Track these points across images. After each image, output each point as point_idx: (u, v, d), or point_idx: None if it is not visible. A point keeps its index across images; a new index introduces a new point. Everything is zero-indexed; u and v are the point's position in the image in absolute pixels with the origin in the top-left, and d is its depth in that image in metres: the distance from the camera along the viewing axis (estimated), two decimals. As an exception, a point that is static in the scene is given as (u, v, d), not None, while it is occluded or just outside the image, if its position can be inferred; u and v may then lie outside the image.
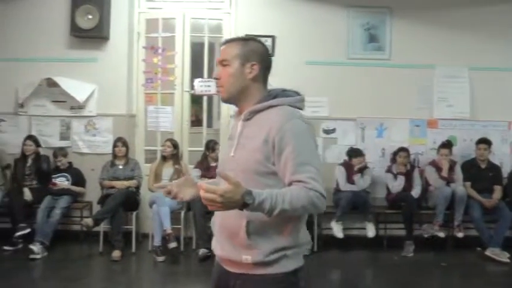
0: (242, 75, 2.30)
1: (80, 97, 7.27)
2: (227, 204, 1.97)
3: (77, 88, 7.28)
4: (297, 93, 2.38)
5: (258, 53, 2.34)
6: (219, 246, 2.34)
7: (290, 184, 2.13)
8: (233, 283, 2.28)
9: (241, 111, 2.34)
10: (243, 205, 2.00)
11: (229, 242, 2.26)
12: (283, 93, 2.34)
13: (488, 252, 6.67)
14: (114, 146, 7.06)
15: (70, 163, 7.20)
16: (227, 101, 2.37)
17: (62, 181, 7.05)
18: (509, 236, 6.97)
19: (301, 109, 2.33)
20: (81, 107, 7.35)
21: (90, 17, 7.08)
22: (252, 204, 2.00)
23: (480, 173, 7.11)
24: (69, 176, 7.11)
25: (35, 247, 6.32)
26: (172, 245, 6.38)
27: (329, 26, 7.46)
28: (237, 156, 2.25)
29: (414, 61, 7.42)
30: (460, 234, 6.84)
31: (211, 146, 7.15)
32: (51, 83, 7.28)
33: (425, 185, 7.20)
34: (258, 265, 2.20)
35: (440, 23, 7.47)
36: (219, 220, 2.31)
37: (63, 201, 6.80)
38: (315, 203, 2.11)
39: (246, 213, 2.08)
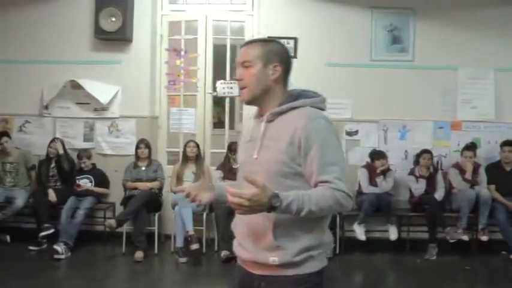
0: (265, 76, 2.28)
1: (104, 99, 7.33)
2: (255, 207, 1.99)
3: (100, 90, 7.34)
4: (317, 94, 2.38)
5: (279, 54, 2.33)
6: (242, 249, 2.33)
7: (316, 185, 2.14)
8: (257, 285, 2.28)
9: (263, 112, 2.32)
10: (271, 208, 2.01)
11: (254, 244, 2.25)
12: (303, 93, 2.34)
13: (513, 256, 6.59)
14: (137, 147, 7.10)
15: (93, 164, 7.26)
16: (250, 102, 2.34)
17: (85, 182, 7.11)
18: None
19: (323, 110, 2.33)
20: (104, 108, 7.41)
21: (113, 19, 7.13)
22: (280, 207, 2.02)
23: (505, 175, 7.02)
24: (92, 178, 7.16)
25: (59, 247, 6.38)
26: (195, 246, 6.40)
27: (351, 27, 7.42)
28: (260, 158, 2.24)
29: (438, 62, 7.36)
30: (485, 238, 6.77)
31: (233, 147, 7.15)
32: (75, 85, 7.36)
33: (449, 188, 7.14)
34: (285, 266, 2.19)
35: (464, 23, 7.39)
36: (243, 223, 2.30)
37: (87, 202, 6.87)
38: (341, 203, 2.13)
39: (272, 215, 2.10)
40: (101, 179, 7.24)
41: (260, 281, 2.26)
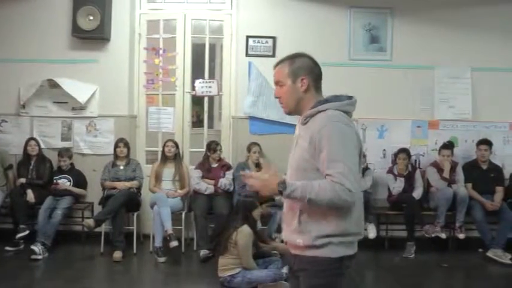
0: (295, 90, 2.68)
1: (82, 98, 7.28)
2: (264, 188, 2.50)
3: (78, 89, 7.29)
4: (342, 98, 2.71)
5: (304, 68, 2.72)
6: (284, 232, 2.76)
7: (325, 178, 2.45)
8: (293, 262, 2.70)
9: (301, 116, 2.72)
10: (279, 192, 2.45)
11: (288, 228, 2.67)
12: (331, 98, 2.68)
13: (490, 254, 6.67)
14: (116, 146, 7.07)
15: (72, 164, 7.21)
16: (289, 113, 2.79)
17: (63, 182, 7.06)
18: (511, 238, 6.97)
19: (349, 111, 2.69)
20: (82, 108, 7.36)
21: (91, 18, 7.08)
22: (284, 192, 2.44)
23: (481, 174, 7.11)
24: (70, 178, 7.11)
25: (36, 248, 6.33)
26: (173, 244, 6.37)
27: (330, 27, 7.46)
28: (294, 155, 2.68)
29: (415, 62, 7.42)
30: (462, 236, 6.84)
31: (212, 147, 7.15)
32: (53, 84, 7.29)
33: (427, 186, 7.20)
34: (308, 247, 2.55)
35: (442, 23, 7.47)
36: (284, 211, 2.74)
37: (65, 202, 6.81)
38: (340, 195, 2.40)
39: (299, 205, 2.53)
40: (79, 180, 7.19)
41: (294, 258, 2.67)
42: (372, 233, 6.93)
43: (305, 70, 2.71)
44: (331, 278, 2.59)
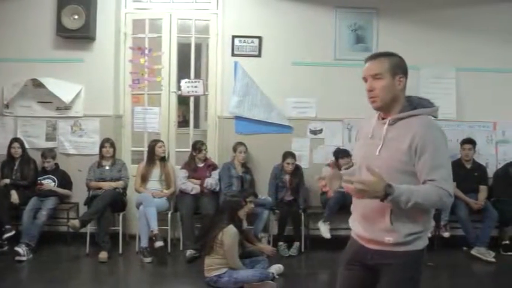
0: (393, 86, 2.70)
1: (66, 98, 7.23)
2: (371, 193, 2.45)
3: (63, 89, 7.24)
4: (431, 103, 2.80)
5: (402, 67, 2.76)
6: (360, 228, 2.79)
7: (424, 182, 2.54)
8: (370, 256, 2.75)
9: (386, 115, 2.75)
10: (385, 196, 2.44)
11: (373, 226, 2.70)
12: (421, 103, 2.76)
13: (474, 252, 6.72)
14: (102, 146, 7.03)
15: (57, 165, 7.17)
16: (380, 108, 2.76)
17: (48, 183, 7.01)
18: (495, 236, 7.04)
19: (436, 117, 2.77)
20: (67, 107, 7.32)
21: (76, 17, 7.04)
22: (392, 195, 2.44)
23: (465, 173, 7.16)
24: (55, 178, 7.07)
25: (21, 249, 6.28)
26: (159, 243, 6.36)
27: (316, 27, 7.48)
28: (382, 155, 2.66)
29: (401, 62, 7.43)
30: (446, 234, 6.89)
31: (197, 146, 7.15)
32: (37, 84, 7.24)
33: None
34: (397, 244, 2.65)
35: (427, 24, 7.52)
36: (362, 206, 2.75)
37: (50, 203, 6.77)
38: (443, 200, 2.53)
39: (389, 205, 2.54)
40: (64, 180, 7.14)
41: (373, 254, 2.73)
42: (357, 232, 6.95)
43: (402, 70, 2.76)
44: (418, 269, 2.73)
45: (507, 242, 7.11)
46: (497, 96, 7.50)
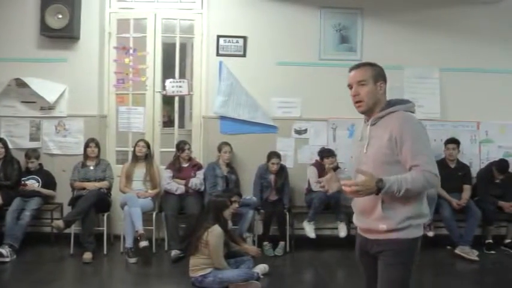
0: (375, 91, 3.05)
1: (50, 98, 7.19)
2: (366, 191, 2.73)
3: (47, 88, 7.20)
4: (407, 101, 3.12)
5: (382, 75, 3.10)
6: (361, 221, 3.12)
7: (410, 169, 2.83)
8: (370, 246, 3.06)
9: (369, 117, 3.07)
10: (378, 190, 2.73)
11: (368, 216, 3.00)
12: (398, 101, 3.07)
13: (458, 251, 6.78)
14: (87, 146, 7.00)
15: (40, 165, 7.12)
16: (365, 112, 3.09)
17: (32, 183, 6.97)
18: (478, 235, 7.10)
19: (413, 112, 3.08)
20: (51, 107, 7.28)
21: (60, 16, 7.00)
22: (384, 188, 2.73)
23: (449, 172, 7.20)
24: (39, 179, 7.02)
25: (4, 250, 6.23)
26: (144, 243, 6.34)
27: (301, 27, 7.50)
28: (368, 153, 2.99)
29: (385, 62, 7.31)
30: (431, 233, 6.93)
31: (181, 146, 7.15)
32: (21, 84, 7.19)
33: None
34: (391, 231, 2.92)
35: (411, 24, 7.57)
36: (360, 202, 3.05)
37: (33, 203, 6.73)
38: (430, 181, 2.81)
39: (380, 195, 2.81)
40: (48, 181, 7.11)
41: (373, 243, 3.04)
42: (342, 231, 7.00)
43: (383, 77, 3.10)
44: (410, 256, 2.99)
45: (490, 240, 7.19)
46: (481, 96, 7.58)
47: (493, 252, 7.09)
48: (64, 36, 7.11)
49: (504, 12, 7.63)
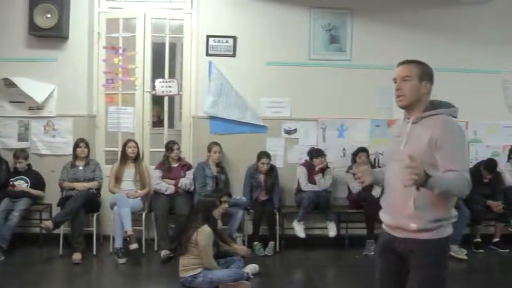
0: (419, 90, 3.07)
1: (39, 98, 7.15)
2: (420, 175, 2.64)
3: (35, 88, 7.15)
4: (451, 105, 3.14)
5: (429, 74, 3.14)
6: (389, 218, 3.10)
7: (446, 171, 2.82)
8: (397, 245, 3.04)
9: (410, 115, 3.09)
10: (425, 180, 2.66)
11: (399, 214, 2.99)
12: (441, 104, 3.10)
13: (447, 250, 6.80)
14: (76, 146, 6.96)
15: (29, 165, 7.08)
16: (404, 107, 3.10)
17: (20, 183, 6.93)
18: (467, 234, 7.14)
19: (455, 117, 3.08)
20: (40, 107, 7.24)
21: (49, 15, 6.97)
22: (431, 178, 2.67)
23: (438, 172, 7.22)
24: (27, 179, 6.98)
25: (-8, 251, 6.21)
26: (134, 246, 6.33)
27: (291, 27, 7.50)
28: (405, 150, 2.93)
29: (374, 62, 7.51)
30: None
31: (170, 146, 7.14)
32: (9, 83, 7.14)
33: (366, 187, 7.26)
34: (420, 231, 2.92)
35: (401, 24, 7.59)
36: (391, 199, 3.10)
37: (22, 204, 6.69)
38: (465, 188, 2.81)
39: (412, 193, 2.83)
40: (37, 181, 7.06)
41: (400, 242, 3.02)
42: (332, 231, 7.02)
43: (429, 76, 3.13)
44: (442, 256, 3.00)
45: (479, 239, 7.24)
46: (470, 96, 7.58)
47: (481, 251, 7.15)
48: (53, 35, 7.08)
49: (492, 13, 7.66)
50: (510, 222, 7.29)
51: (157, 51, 7.72)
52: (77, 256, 6.32)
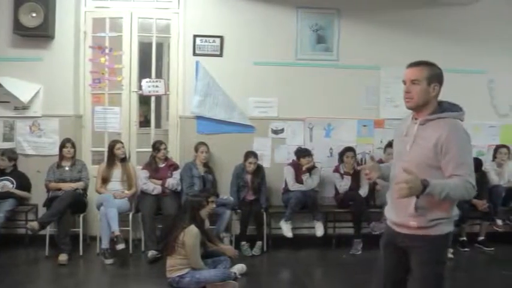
0: (427, 92, 3.12)
1: (24, 97, 7.10)
2: (412, 189, 2.79)
3: (21, 88, 7.10)
4: (460, 108, 3.21)
5: (438, 77, 3.18)
6: (394, 214, 3.24)
7: (450, 176, 2.93)
8: (401, 240, 3.19)
9: (418, 116, 3.17)
10: (422, 190, 2.79)
11: (401, 212, 3.13)
12: (450, 107, 3.18)
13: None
14: (63, 146, 6.92)
15: (15, 166, 7.03)
16: (412, 108, 3.18)
17: (5, 184, 6.88)
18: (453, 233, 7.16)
19: (462, 121, 3.16)
20: (25, 107, 7.18)
21: (34, 15, 6.91)
22: (428, 187, 2.79)
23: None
24: (13, 180, 6.93)
25: (-22, 252, 6.16)
26: (121, 246, 6.30)
27: (278, 27, 7.51)
28: (412, 151, 3.09)
29: (361, 62, 7.55)
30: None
31: (157, 146, 7.12)
32: (-6, 83, 7.09)
33: (373, 184, 7.31)
34: (420, 228, 3.06)
35: (387, 24, 7.63)
36: (394, 198, 3.12)
37: (7, 204, 6.64)
38: (469, 192, 2.92)
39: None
40: (23, 182, 7.01)
41: (403, 237, 3.17)
42: (319, 231, 7.03)
43: (438, 79, 3.17)
44: (441, 250, 3.14)
45: (464, 238, 7.29)
46: (456, 96, 7.49)
47: (466, 249, 7.21)
48: (38, 35, 7.02)
49: (480, 13, 7.71)
50: (495, 220, 7.35)
51: (144, 51, 7.70)
52: (63, 257, 6.29)
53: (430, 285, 3.14)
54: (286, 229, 6.94)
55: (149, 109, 7.82)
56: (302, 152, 7.23)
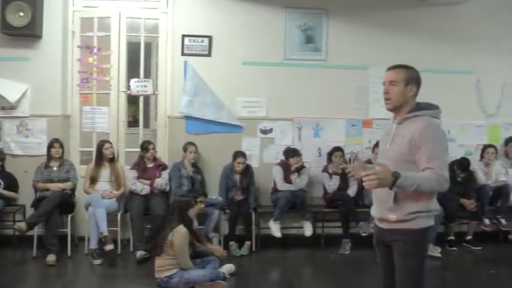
0: (405, 93, 3.29)
1: (12, 97, 7.06)
2: (382, 181, 2.93)
3: (8, 88, 7.07)
4: (435, 107, 3.36)
5: (415, 79, 3.34)
6: (376, 210, 3.37)
7: (424, 170, 3.05)
8: (384, 235, 3.32)
9: (397, 116, 3.32)
10: (393, 182, 2.93)
11: (382, 206, 3.27)
12: (426, 106, 3.33)
13: (421, 248, 6.86)
14: (51, 147, 6.89)
15: (2, 166, 6.99)
16: (391, 110, 3.34)
17: (-7, 185, 6.85)
18: (441, 232, 7.21)
19: (438, 118, 3.34)
20: (13, 107, 7.14)
21: (21, 14, 6.88)
22: (399, 179, 2.92)
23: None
24: (1, 180, 6.88)
25: (-35, 253, 6.12)
26: (109, 247, 6.29)
27: (266, 27, 7.52)
28: (390, 149, 3.27)
29: (350, 62, 7.57)
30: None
31: (145, 146, 7.11)
32: (-19, 83, 7.05)
33: (361, 184, 7.31)
34: (400, 222, 3.17)
35: (376, 24, 7.66)
36: (377, 194, 3.31)
37: (-5, 205, 6.61)
38: (441, 184, 3.03)
39: (394, 189, 3.02)
40: (10, 182, 6.96)
41: (386, 232, 3.29)
42: (308, 230, 7.04)
43: (415, 81, 3.33)
44: (420, 244, 3.24)
45: (452, 237, 7.33)
46: (444, 96, 7.60)
47: (454, 249, 7.25)
48: (26, 34, 6.99)
49: (468, 14, 7.77)
50: (483, 220, 7.39)
51: (133, 50, 7.67)
52: (51, 258, 6.26)
53: (411, 276, 3.23)
54: (275, 229, 6.94)
55: (138, 109, 7.79)
56: (291, 152, 7.24)
